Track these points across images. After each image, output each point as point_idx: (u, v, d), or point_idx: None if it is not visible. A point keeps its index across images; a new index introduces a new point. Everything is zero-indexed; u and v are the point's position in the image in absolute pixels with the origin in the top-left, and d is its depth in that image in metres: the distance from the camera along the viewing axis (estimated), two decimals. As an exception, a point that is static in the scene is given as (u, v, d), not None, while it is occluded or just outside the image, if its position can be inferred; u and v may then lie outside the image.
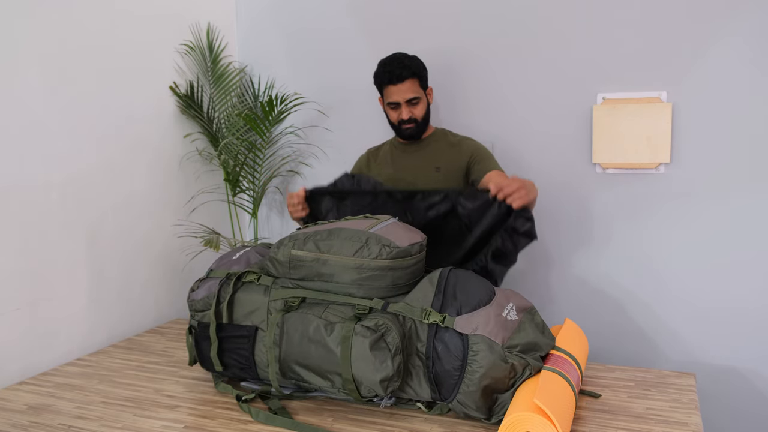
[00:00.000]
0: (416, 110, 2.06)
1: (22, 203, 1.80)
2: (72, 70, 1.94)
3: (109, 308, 2.11)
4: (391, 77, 2.02)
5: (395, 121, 2.08)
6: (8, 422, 1.48)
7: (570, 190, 2.29)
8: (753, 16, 2.02)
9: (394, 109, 2.07)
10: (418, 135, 2.11)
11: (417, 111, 2.06)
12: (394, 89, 2.03)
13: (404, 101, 2.04)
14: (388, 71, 2.04)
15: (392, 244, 1.45)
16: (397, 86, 2.02)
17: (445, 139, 2.13)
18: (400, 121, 2.07)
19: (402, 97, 2.03)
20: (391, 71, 2.03)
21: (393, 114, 2.08)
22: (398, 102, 2.04)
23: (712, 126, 2.10)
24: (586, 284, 2.32)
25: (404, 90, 2.02)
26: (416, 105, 2.06)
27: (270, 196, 2.78)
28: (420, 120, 2.07)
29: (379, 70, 2.07)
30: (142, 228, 2.24)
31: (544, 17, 2.25)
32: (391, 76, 2.02)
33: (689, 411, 1.43)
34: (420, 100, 2.06)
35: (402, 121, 2.06)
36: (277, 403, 1.50)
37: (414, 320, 1.41)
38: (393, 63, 2.05)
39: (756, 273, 2.10)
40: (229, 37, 2.67)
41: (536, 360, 1.39)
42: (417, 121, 2.06)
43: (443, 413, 1.45)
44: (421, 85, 2.07)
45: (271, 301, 1.52)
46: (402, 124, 2.07)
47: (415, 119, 2.06)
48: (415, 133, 2.09)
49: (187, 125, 2.45)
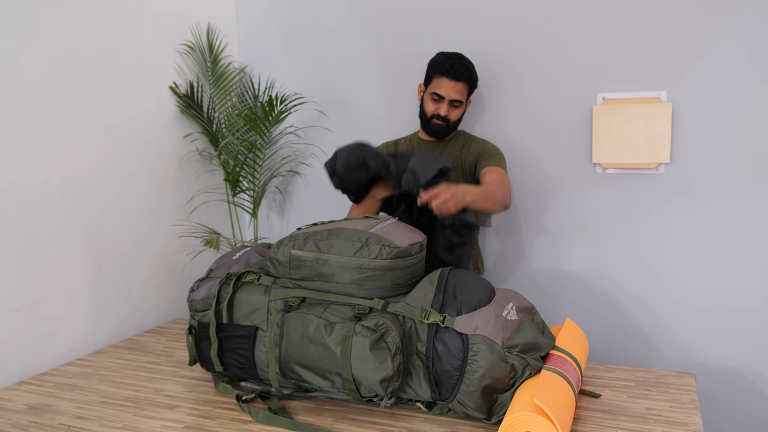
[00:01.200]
0: (454, 113, 2.08)
1: (22, 203, 1.80)
2: (72, 70, 1.94)
3: (109, 308, 2.11)
4: (452, 71, 2.03)
5: (430, 113, 2.09)
6: (8, 422, 1.48)
7: (570, 190, 2.29)
8: (753, 17, 2.02)
9: (436, 101, 2.07)
10: (443, 135, 2.13)
11: (454, 114, 2.08)
12: (448, 84, 2.04)
13: (449, 99, 2.05)
14: (451, 64, 2.04)
15: (392, 244, 1.45)
16: (453, 83, 2.03)
17: (464, 140, 2.17)
18: (434, 114, 2.07)
19: (450, 94, 2.04)
20: (455, 65, 2.03)
21: (431, 105, 2.08)
22: (443, 97, 2.05)
23: (712, 126, 2.10)
24: (586, 284, 2.32)
25: (456, 89, 2.04)
26: (457, 108, 2.08)
27: (270, 196, 2.78)
28: (452, 122, 2.09)
29: (442, 59, 2.06)
30: (142, 228, 2.24)
31: (544, 17, 2.25)
32: (453, 70, 2.03)
33: (689, 411, 1.43)
34: (461, 106, 2.09)
35: (436, 116, 2.07)
36: (277, 403, 1.50)
37: (414, 320, 1.41)
38: (459, 59, 2.06)
39: (756, 273, 2.10)
40: (229, 37, 2.67)
41: (536, 360, 1.39)
42: (449, 122, 2.08)
43: (443, 413, 1.45)
44: (469, 92, 2.10)
45: (271, 301, 1.52)
46: (434, 118, 2.07)
47: (449, 120, 2.07)
48: (442, 133, 2.11)
49: (187, 125, 2.45)
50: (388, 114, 2.53)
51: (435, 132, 2.11)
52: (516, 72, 2.32)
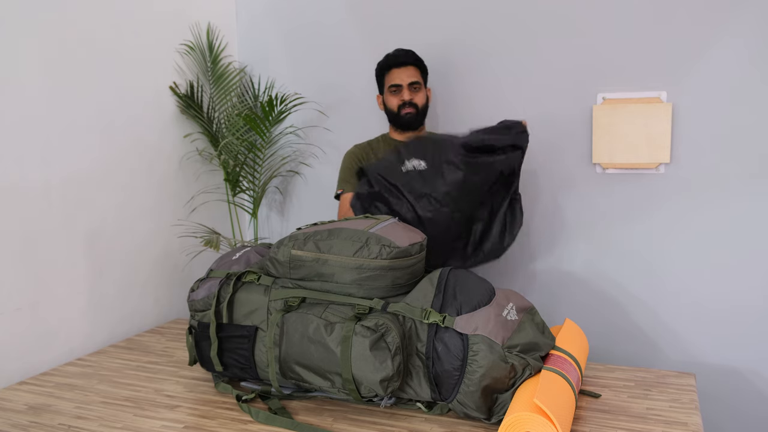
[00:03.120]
0: (417, 96, 2.09)
1: (22, 203, 1.80)
2: (72, 70, 1.94)
3: (109, 308, 2.11)
4: (396, 60, 2.10)
5: (395, 107, 2.11)
6: (8, 422, 1.48)
7: (570, 190, 2.29)
8: (753, 17, 2.02)
9: (395, 93, 2.10)
10: (416, 124, 2.13)
11: (418, 97, 2.09)
12: (397, 72, 2.09)
13: (407, 84, 2.08)
14: (393, 55, 2.12)
15: (392, 244, 1.45)
16: (401, 69, 2.09)
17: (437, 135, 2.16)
18: (400, 105, 2.09)
19: (405, 80, 2.08)
20: (396, 55, 2.11)
21: (393, 99, 2.11)
22: (400, 84, 2.08)
23: (712, 126, 2.10)
24: (586, 284, 2.32)
25: (407, 73, 2.08)
26: (418, 91, 2.09)
27: (270, 196, 2.78)
28: (420, 108, 2.10)
29: (383, 59, 2.15)
30: (142, 228, 2.24)
31: (544, 17, 2.25)
32: (396, 59, 2.10)
33: (689, 411, 1.43)
34: (421, 88, 2.10)
35: (403, 104, 2.08)
36: (277, 403, 1.50)
37: (414, 320, 1.41)
38: (397, 50, 2.14)
39: (756, 273, 2.10)
40: (229, 37, 2.67)
41: (536, 360, 1.39)
42: (417, 106, 2.09)
43: (443, 413, 1.45)
44: (422, 76, 2.12)
45: (271, 301, 1.52)
46: (402, 108, 2.09)
47: (416, 104, 2.09)
48: (414, 121, 2.11)
49: (187, 125, 2.45)
50: (388, 114, 2.52)
51: (407, 122, 2.11)
52: (516, 72, 2.32)
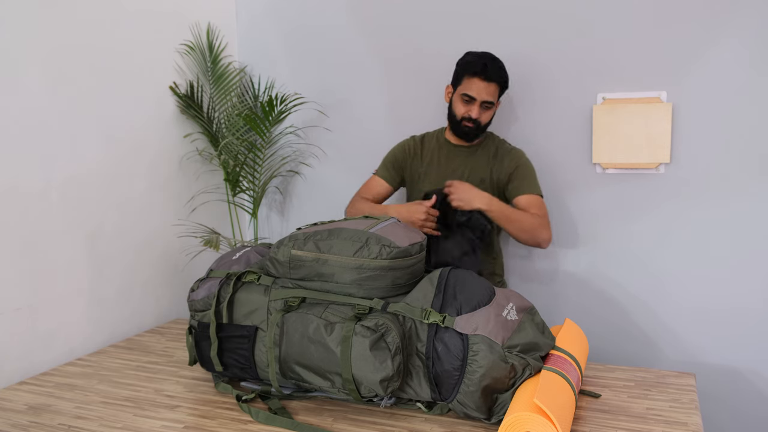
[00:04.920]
0: (485, 115, 2.04)
1: (22, 203, 1.80)
2: (71, 70, 1.94)
3: (109, 308, 2.11)
4: (484, 71, 1.97)
5: (460, 116, 2.04)
6: (8, 422, 1.48)
7: (570, 190, 2.29)
8: (753, 17, 2.02)
9: (466, 102, 2.02)
10: (471, 138, 2.09)
11: (485, 116, 2.04)
12: (480, 85, 1.98)
13: (481, 100, 2.00)
14: (484, 64, 1.98)
15: (392, 244, 1.45)
16: (485, 83, 1.98)
17: (494, 147, 2.13)
18: (464, 117, 2.03)
19: (483, 95, 1.99)
20: (487, 66, 1.98)
21: (461, 107, 2.03)
22: (475, 98, 2.00)
23: (712, 126, 2.10)
24: (586, 284, 2.32)
25: (489, 90, 1.99)
26: (487, 110, 2.03)
27: (270, 196, 2.78)
28: (482, 125, 2.05)
29: (474, 58, 2.00)
30: (142, 228, 2.24)
31: (544, 17, 2.25)
32: (486, 70, 1.97)
33: (689, 411, 1.43)
34: (492, 107, 2.05)
35: (466, 118, 2.02)
36: (277, 403, 1.50)
37: (414, 320, 1.41)
38: (491, 59, 2.00)
39: (756, 273, 2.10)
40: (229, 37, 2.67)
41: (536, 360, 1.39)
42: (480, 124, 2.04)
43: (443, 413, 1.45)
44: (499, 94, 2.05)
45: (271, 301, 1.52)
46: (465, 120, 2.03)
47: (479, 122, 2.03)
48: (471, 135, 2.07)
49: (187, 125, 2.45)
50: (388, 114, 2.53)
51: (464, 134, 2.07)
52: (516, 72, 2.31)
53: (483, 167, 2.10)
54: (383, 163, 2.24)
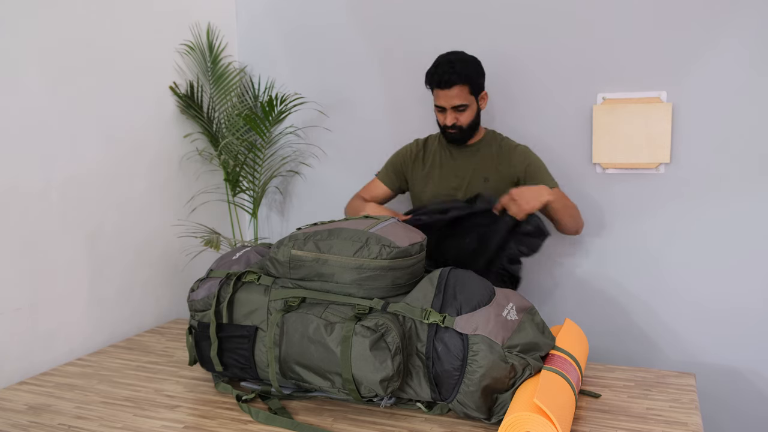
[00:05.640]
0: (462, 117, 2.00)
1: (22, 203, 1.80)
2: (72, 70, 1.94)
3: (109, 308, 2.11)
4: (440, 81, 1.95)
5: (441, 125, 2.05)
6: (8, 422, 1.48)
7: (570, 190, 2.29)
8: (753, 17, 2.02)
9: (440, 112, 2.02)
10: (463, 141, 2.07)
11: (463, 118, 2.00)
12: (441, 94, 1.97)
13: (450, 107, 1.98)
14: (438, 74, 1.96)
15: (392, 244, 1.45)
16: (444, 91, 1.96)
17: (496, 145, 2.10)
18: (444, 126, 2.03)
19: (448, 103, 1.97)
20: (441, 75, 1.95)
21: (439, 117, 2.04)
22: (444, 107, 1.99)
23: (712, 126, 2.10)
24: (586, 284, 2.32)
25: (451, 96, 1.96)
26: (462, 112, 1.99)
27: (270, 196, 2.78)
28: (465, 127, 2.02)
29: (430, 70, 1.99)
30: (142, 228, 2.24)
31: (545, 17, 2.25)
32: (440, 80, 1.95)
33: (689, 411, 1.43)
34: (467, 108, 1.99)
35: (447, 126, 2.02)
36: (277, 403, 1.50)
37: (414, 320, 1.41)
38: (444, 66, 1.96)
39: (756, 273, 2.10)
40: (229, 37, 2.67)
41: (536, 360, 1.39)
42: (462, 128, 2.01)
43: (443, 413, 1.45)
44: (471, 91, 1.98)
45: (271, 301, 1.52)
46: (446, 129, 2.03)
47: (460, 126, 2.01)
48: (459, 139, 2.05)
49: (187, 125, 2.45)
50: (388, 114, 2.52)
51: (452, 140, 2.06)
52: (516, 72, 2.31)
53: (487, 166, 2.07)
54: (385, 166, 2.23)
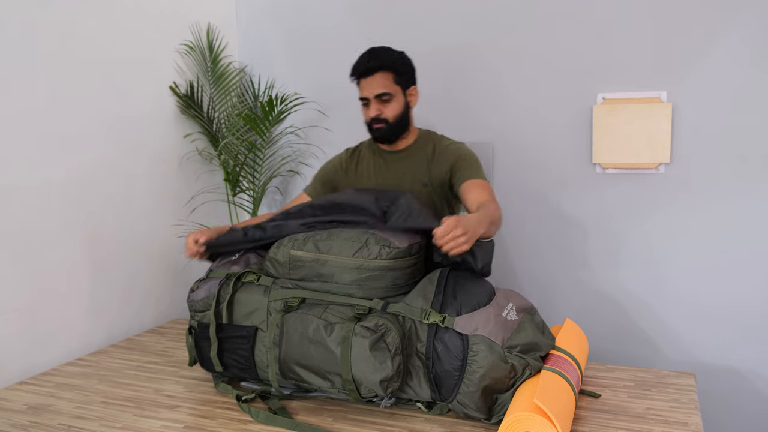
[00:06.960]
0: (387, 109, 1.81)
1: (22, 203, 1.80)
2: (72, 70, 1.94)
3: (109, 308, 2.11)
4: (360, 69, 1.81)
5: (366, 122, 1.86)
6: (8, 422, 1.48)
7: (570, 190, 2.29)
8: (753, 17, 2.02)
9: (364, 106, 1.85)
10: (391, 139, 1.87)
11: (388, 110, 1.81)
12: (363, 83, 1.82)
13: (373, 96, 1.80)
14: (357, 63, 1.83)
15: (392, 244, 1.45)
16: (366, 80, 1.81)
17: (432, 146, 1.90)
18: (369, 120, 1.84)
19: (370, 91, 1.80)
20: (361, 62, 1.82)
21: (364, 112, 1.86)
22: (367, 97, 1.82)
23: (712, 126, 2.10)
24: (586, 284, 2.32)
25: (373, 84, 1.80)
26: (387, 103, 1.81)
27: (270, 196, 2.78)
28: (392, 121, 1.82)
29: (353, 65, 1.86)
30: (142, 228, 2.24)
31: (545, 17, 2.25)
32: (360, 67, 1.81)
33: (689, 411, 1.43)
34: (392, 98, 1.81)
35: (372, 120, 1.83)
36: (277, 403, 1.50)
37: (414, 320, 1.41)
38: (365, 54, 1.83)
39: (756, 273, 2.10)
40: (229, 37, 2.67)
41: (536, 360, 1.39)
42: (388, 121, 1.82)
43: (443, 413, 1.45)
44: (396, 80, 1.82)
45: (271, 302, 1.52)
46: (372, 123, 1.84)
47: (386, 119, 1.82)
48: (386, 136, 1.85)
49: (187, 125, 2.45)
50: (388, 114, 2.52)
51: (381, 137, 1.86)
52: (516, 72, 2.31)
53: (423, 171, 1.87)
54: (313, 179, 2.03)
